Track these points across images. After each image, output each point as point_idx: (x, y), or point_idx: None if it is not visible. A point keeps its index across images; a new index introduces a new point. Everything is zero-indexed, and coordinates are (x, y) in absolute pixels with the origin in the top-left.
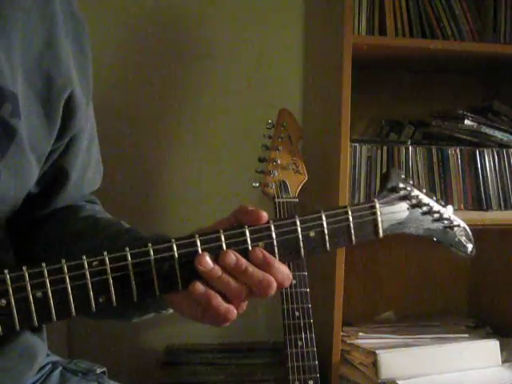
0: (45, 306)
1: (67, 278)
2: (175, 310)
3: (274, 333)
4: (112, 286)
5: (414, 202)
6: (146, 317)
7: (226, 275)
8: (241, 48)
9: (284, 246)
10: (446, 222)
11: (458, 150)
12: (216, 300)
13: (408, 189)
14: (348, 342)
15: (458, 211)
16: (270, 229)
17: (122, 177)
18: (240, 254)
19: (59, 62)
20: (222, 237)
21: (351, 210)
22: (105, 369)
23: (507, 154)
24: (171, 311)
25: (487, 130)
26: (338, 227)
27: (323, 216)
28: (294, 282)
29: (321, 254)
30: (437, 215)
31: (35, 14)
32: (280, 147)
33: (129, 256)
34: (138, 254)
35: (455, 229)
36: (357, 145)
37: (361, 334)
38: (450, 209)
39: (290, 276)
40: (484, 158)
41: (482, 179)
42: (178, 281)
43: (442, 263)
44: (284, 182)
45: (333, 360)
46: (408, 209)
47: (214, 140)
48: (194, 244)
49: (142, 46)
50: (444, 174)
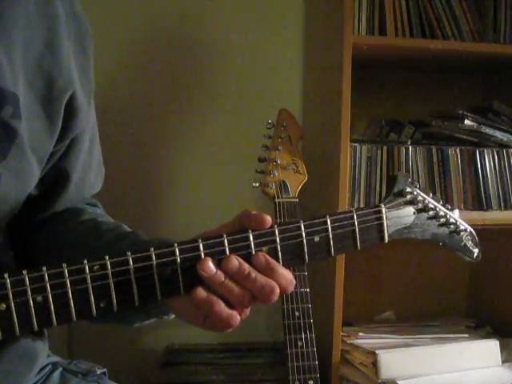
0: (45, 310)
1: (68, 283)
2: (177, 315)
3: (274, 333)
4: (113, 291)
5: (421, 206)
6: (147, 322)
7: (228, 281)
8: (241, 48)
9: (288, 250)
10: (452, 226)
11: (458, 150)
12: (218, 306)
13: (414, 193)
14: (348, 341)
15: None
16: (274, 233)
17: (123, 178)
18: (243, 259)
19: (60, 63)
20: (226, 241)
21: (357, 214)
22: (105, 369)
23: (507, 153)
24: (173, 316)
25: (487, 130)
26: (343, 232)
27: (328, 220)
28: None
29: (325, 259)
30: (443, 220)
31: (36, 14)
32: (280, 147)
33: (130, 260)
34: (140, 258)
35: (461, 233)
36: (357, 145)
37: (361, 334)
38: (457, 213)
39: (293, 281)
40: (484, 158)
41: (482, 179)
42: (180, 286)
43: (442, 263)
44: (284, 182)
45: (333, 360)
46: (414, 213)
47: (214, 140)
48: (197, 249)
49: (142, 47)
50: (444, 173)
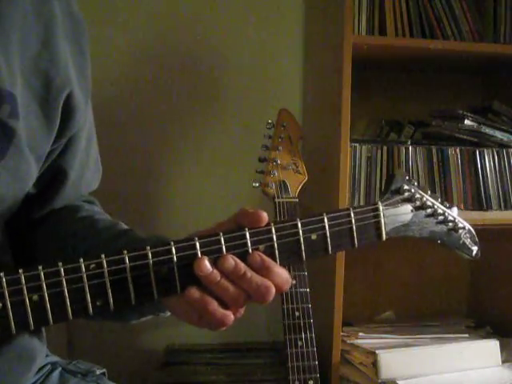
0: (41, 309)
1: (64, 281)
2: (172, 313)
3: (274, 333)
4: (109, 290)
5: (418, 203)
6: (143, 318)
7: (224, 280)
8: (241, 48)
9: (285, 248)
10: (450, 224)
11: (458, 150)
12: (212, 306)
13: (412, 190)
14: (348, 342)
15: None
16: (270, 231)
17: (123, 177)
18: (240, 258)
19: (57, 62)
20: (222, 240)
21: (354, 212)
22: (104, 370)
23: (507, 153)
24: (169, 314)
25: (487, 130)
26: (340, 230)
27: (325, 218)
28: (293, 282)
29: (322, 257)
30: (441, 217)
31: (33, 14)
32: (280, 147)
33: (127, 259)
34: (136, 257)
35: (460, 231)
36: (357, 145)
37: (361, 334)
38: (455, 210)
39: (290, 280)
40: (484, 158)
41: (482, 179)
42: (176, 284)
43: (442, 263)
44: (284, 181)
45: (333, 360)
46: (412, 211)
47: (214, 140)
48: (194, 247)
49: (142, 49)
50: (444, 174)
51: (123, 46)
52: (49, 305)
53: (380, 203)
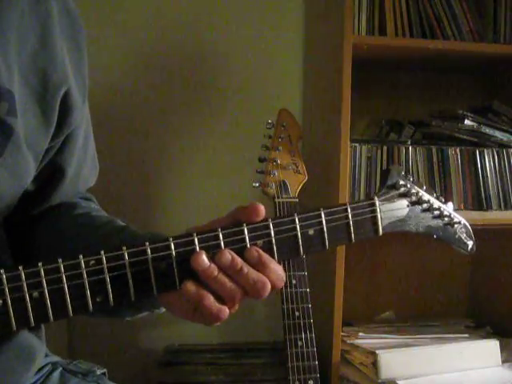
0: (41, 305)
1: (64, 278)
2: (167, 308)
3: (274, 333)
4: (109, 286)
5: (414, 199)
6: (138, 315)
7: (222, 275)
8: (241, 48)
9: (283, 244)
10: (446, 219)
11: (458, 150)
12: (208, 300)
13: (408, 186)
14: (348, 342)
15: (457, 211)
16: (268, 227)
17: (123, 176)
18: (238, 253)
19: (54, 60)
20: (220, 235)
21: (350, 207)
22: (105, 370)
23: (507, 153)
24: (163, 310)
25: (487, 130)
26: (337, 225)
27: (322, 214)
28: (294, 282)
29: (320, 251)
30: (437, 212)
31: (30, 12)
32: (280, 147)
33: (126, 255)
34: (136, 252)
35: (455, 226)
36: (357, 145)
37: (361, 334)
38: (451, 206)
39: (284, 277)
40: (484, 158)
41: (482, 179)
42: (175, 280)
43: (442, 263)
44: (284, 182)
45: (333, 360)
46: (408, 206)
47: (214, 140)
48: (192, 243)
49: (142, 49)
50: (444, 174)
51: (123, 45)
52: (49, 301)
53: (376, 198)
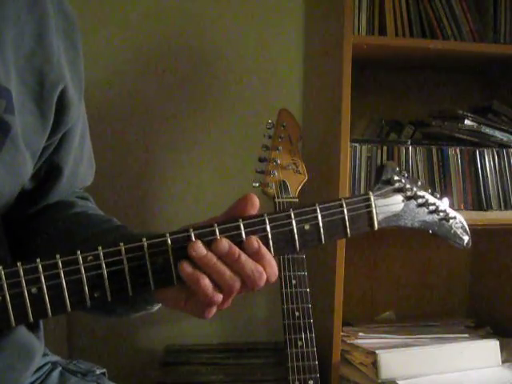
0: (40, 301)
1: (62, 273)
2: (160, 300)
3: (274, 333)
4: (107, 281)
5: (409, 194)
6: (132, 314)
7: (220, 263)
8: (241, 48)
9: (279, 238)
10: (441, 214)
11: (458, 150)
12: (204, 280)
13: (403, 181)
14: (348, 342)
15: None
16: (264, 222)
17: (121, 176)
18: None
19: (51, 59)
20: (217, 230)
21: (346, 202)
22: (104, 370)
23: (507, 153)
24: (157, 307)
25: (487, 130)
26: (332, 220)
27: (318, 209)
28: (294, 282)
29: (316, 246)
30: (432, 207)
31: (26, 12)
32: (280, 147)
33: (123, 250)
34: (133, 248)
35: (451, 221)
36: (357, 145)
37: (361, 334)
38: (446, 201)
39: (277, 272)
40: (484, 158)
41: (482, 179)
42: (172, 275)
43: (442, 263)
44: (284, 182)
45: (333, 360)
46: (403, 201)
47: (214, 140)
48: (189, 238)
49: (142, 48)
50: (444, 173)
51: (123, 45)
52: (47, 297)
53: (371, 193)
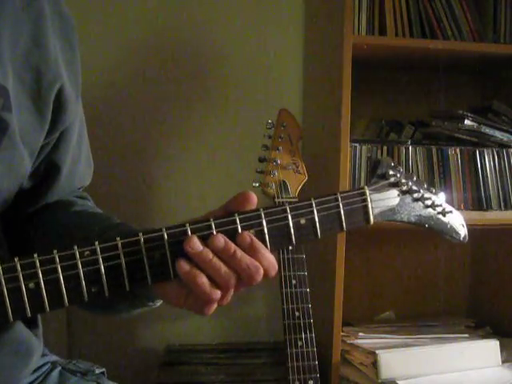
0: (37, 296)
1: (59, 268)
2: (159, 295)
3: (274, 333)
4: (104, 276)
5: (405, 188)
6: (134, 311)
7: (216, 259)
8: (241, 48)
9: (275, 233)
10: (438, 208)
11: (458, 150)
12: (201, 278)
13: (398, 175)
14: (348, 342)
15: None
16: (260, 216)
17: (120, 176)
18: (231, 241)
19: (48, 58)
20: (213, 225)
21: (341, 196)
22: (104, 369)
23: (507, 153)
24: (159, 303)
25: (487, 130)
26: (328, 214)
27: (313, 203)
28: (294, 282)
29: (312, 240)
30: (428, 202)
31: (23, 12)
32: (280, 147)
33: (120, 245)
34: (129, 243)
35: (447, 215)
36: (357, 145)
37: (361, 334)
38: (442, 196)
39: (276, 266)
40: (484, 158)
41: (482, 179)
42: (169, 270)
43: (442, 263)
44: (284, 182)
45: (333, 360)
46: (398, 195)
47: (214, 140)
48: (185, 232)
49: (142, 48)
50: (444, 173)
51: (122, 44)
52: (45, 291)
53: (366, 188)
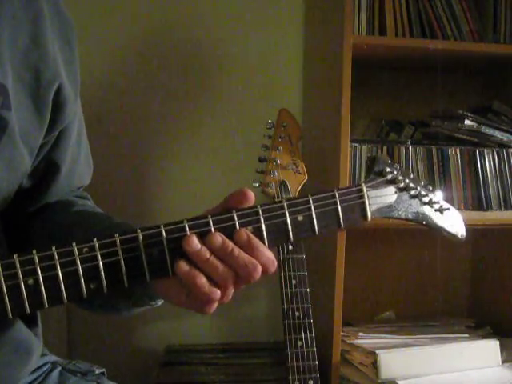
0: (36, 292)
1: (58, 265)
2: (161, 294)
3: (274, 333)
4: (103, 272)
5: (402, 185)
6: (135, 310)
7: (214, 258)
8: (241, 48)
9: (272, 229)
10: (435, 205)
11: (457, 150)
12: (200, 279)
13: (395, 172)
14: (348, 342)
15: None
16: (258, 213)
17: (120, 176)
18: (229, 238)
19: (46, 57)
20: (211, 221)
21: (338, 193)
22: (104, 369)
23: (507, 153)
24: (160, 302)
25: (487, 130)
26: (325, 211)
27: (311, 200)
28: (294, 282)
29: (310, 237)
30: (426, 199)
31: (21, 11)
32: (280, 147)
33: (118, 241)
34: (128, 239)
35: (445, 212)
36: (357, 145)
37: (361, 334)
38: (439, 193)
39: (275, 262)
40: (484, 157)
41: (482, 179)
42: (167, 267)
43: (442, 263)
44: (284, 182)
45: (333, 360)
46: (396, 192)
47: (213, 140)
48: (183, 229)
49: (142, 48)
50: (444, 173)
51: (122, 44)
52: (44, 288)
53: (363, 184)
